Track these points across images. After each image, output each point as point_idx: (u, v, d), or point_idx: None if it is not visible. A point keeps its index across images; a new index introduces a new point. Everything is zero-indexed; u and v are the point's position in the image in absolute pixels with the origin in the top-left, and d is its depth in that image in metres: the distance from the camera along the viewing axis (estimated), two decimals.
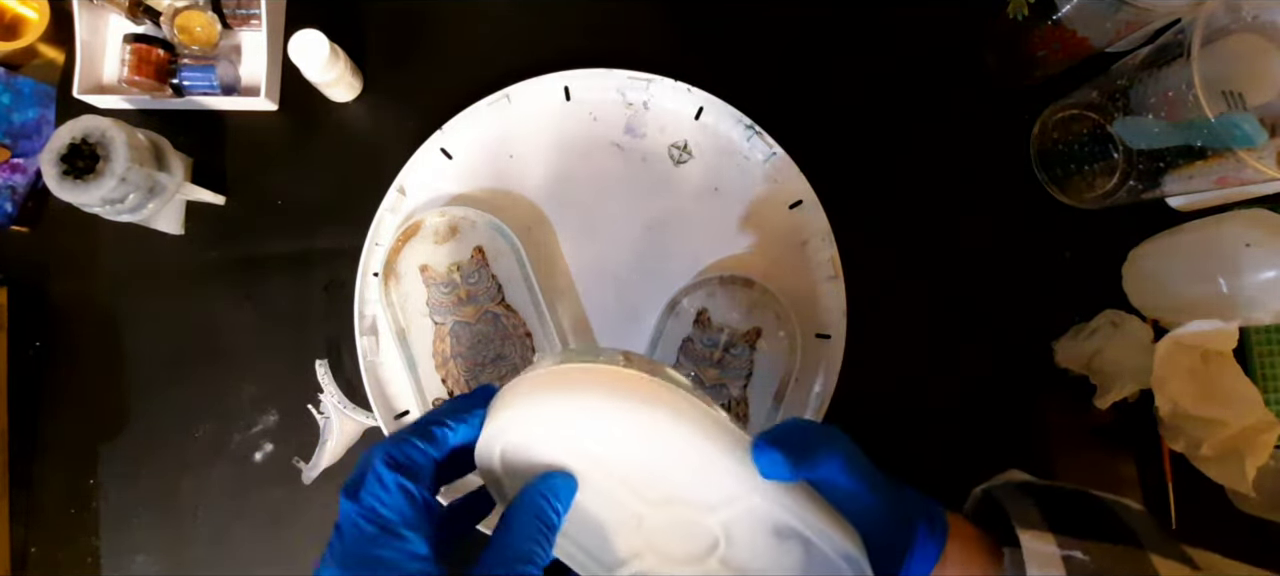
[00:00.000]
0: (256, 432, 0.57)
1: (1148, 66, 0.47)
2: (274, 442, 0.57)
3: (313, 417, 0.56)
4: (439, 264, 0.55)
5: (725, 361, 0.55)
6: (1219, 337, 0.51)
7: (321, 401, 0.56)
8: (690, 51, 0.59)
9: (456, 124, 0.56)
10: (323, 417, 0.56)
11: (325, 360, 0.55)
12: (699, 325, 0.55)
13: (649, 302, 0.56)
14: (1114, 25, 0.49)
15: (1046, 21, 0.51)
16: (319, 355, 0.56)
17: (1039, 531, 0.32)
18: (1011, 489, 0.35)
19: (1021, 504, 0.33)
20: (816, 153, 0.56)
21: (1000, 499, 0.34)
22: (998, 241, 0.58)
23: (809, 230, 0.56)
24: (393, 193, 0.56)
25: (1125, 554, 0.31)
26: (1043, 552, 0.31)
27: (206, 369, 0.57)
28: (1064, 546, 0.31)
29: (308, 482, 0.55)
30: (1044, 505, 0.33)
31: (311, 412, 0.56)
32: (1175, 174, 0.48)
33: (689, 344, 0.55)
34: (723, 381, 0.55)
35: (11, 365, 0.57)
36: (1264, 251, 0.49)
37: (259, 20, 0.57)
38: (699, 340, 0.55)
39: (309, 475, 0.55)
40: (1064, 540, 0.31)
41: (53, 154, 0.49)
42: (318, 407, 0.56)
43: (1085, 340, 0.55)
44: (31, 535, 0.56)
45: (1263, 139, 0.42)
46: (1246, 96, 0.45)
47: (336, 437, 0.55)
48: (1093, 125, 0.53)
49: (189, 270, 0.58)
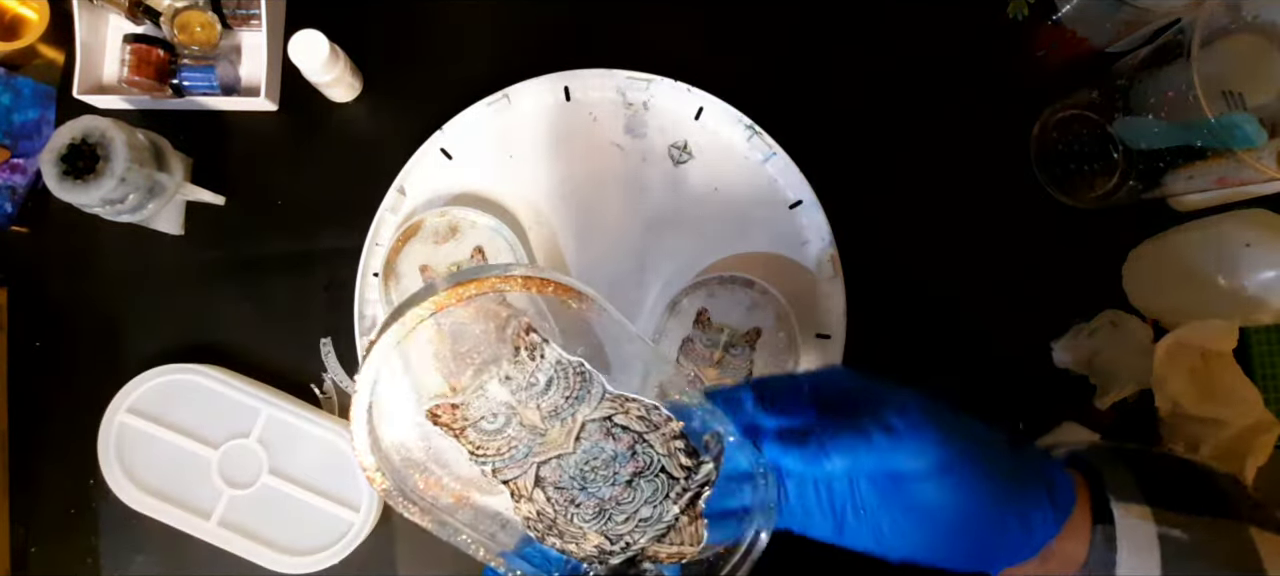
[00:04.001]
0: None
1: (1148, 66, 0.47)
2: None
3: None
4: (439, 264, 0.55)
5: (725, 361, 0.55)
6: (1219, 337, 0.51)
7: (325, 381, 0.56)
8: (690, 51, 0.59)
9: (456, 124, 0.56)
10: (325, 397, 0.56)
11: (329, 338, 0.56)
12: (699, 325, 0.55)
13: (649, 303, 0.56)
14: (1114, 25, 0.49)
15: (1046, 21, 0.51)
16: (319, 357, 0.56)
17: (1136, 504, 0.30)
18: (1104, 453, 0.33)
19: (1116, 471, 0.32)
20: (816, 153, 0.56)
21: (1095, 463, 0.32)
22: (998, 241, 0.58)
23: (809, 230, 0.56)
24: (393, 193, 0.56)
25: (1223, 528, 0.30)
26: (1138, 533, 0.29)
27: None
28: (1161, 522, 0.29)
29: None
30: (1139, 471, 0.32)
31: (314, 392, 0.56)
32: (1175, 174, 0.48)
33: (689, 344, 0.55)
34: (723, 381, 0.55)
35: (11, 365, 0.57)
36: (1264, 251, 0.49)
37: (259, 20, 0.57)
38: (699, 340, 0.55)
39: None
40: (1161, 514, 0.30)
41: (53, 154, 0.49)
42: (320, 388, 0.56)
43: (1085, 340, 0.55)
44: (31, 535, 0.56)
45: (1263, 139, 0.42)
46: (1246, 96, 0.45)
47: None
48: (1093, 125, 0.53)
49: (189, 270, 0.58)
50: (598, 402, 0.30)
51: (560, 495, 0.29)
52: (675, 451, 0.30)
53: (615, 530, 0.29)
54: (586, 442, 0.30)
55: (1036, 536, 0.30)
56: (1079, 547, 0.31)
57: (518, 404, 0.30)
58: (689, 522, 0.30)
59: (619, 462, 0.30)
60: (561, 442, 0.30)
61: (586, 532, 0.30)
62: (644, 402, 0.30)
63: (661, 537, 0.30)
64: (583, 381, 0.30)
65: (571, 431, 0.30)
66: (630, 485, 0.30)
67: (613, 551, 0.30)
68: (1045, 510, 0.30)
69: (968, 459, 0.30)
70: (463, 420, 0.29)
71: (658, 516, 0.30)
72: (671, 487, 0.30)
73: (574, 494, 0.29)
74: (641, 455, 0.30)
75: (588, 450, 0.30)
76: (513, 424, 0.29)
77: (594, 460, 0.30)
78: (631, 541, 0.29)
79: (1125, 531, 0.29)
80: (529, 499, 0.30)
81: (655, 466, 0.30)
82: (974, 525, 0.30)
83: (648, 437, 0.30)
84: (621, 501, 0.29)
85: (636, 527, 0.30)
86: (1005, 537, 0.30)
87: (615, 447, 0.30)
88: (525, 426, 0.29)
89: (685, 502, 0.30)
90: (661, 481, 0.30)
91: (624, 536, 0.30)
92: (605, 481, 0.29)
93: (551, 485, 0.30)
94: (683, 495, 0.30)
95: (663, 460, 0.30)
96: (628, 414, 0.30)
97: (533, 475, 0.30)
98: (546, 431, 0.30)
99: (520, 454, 0.30)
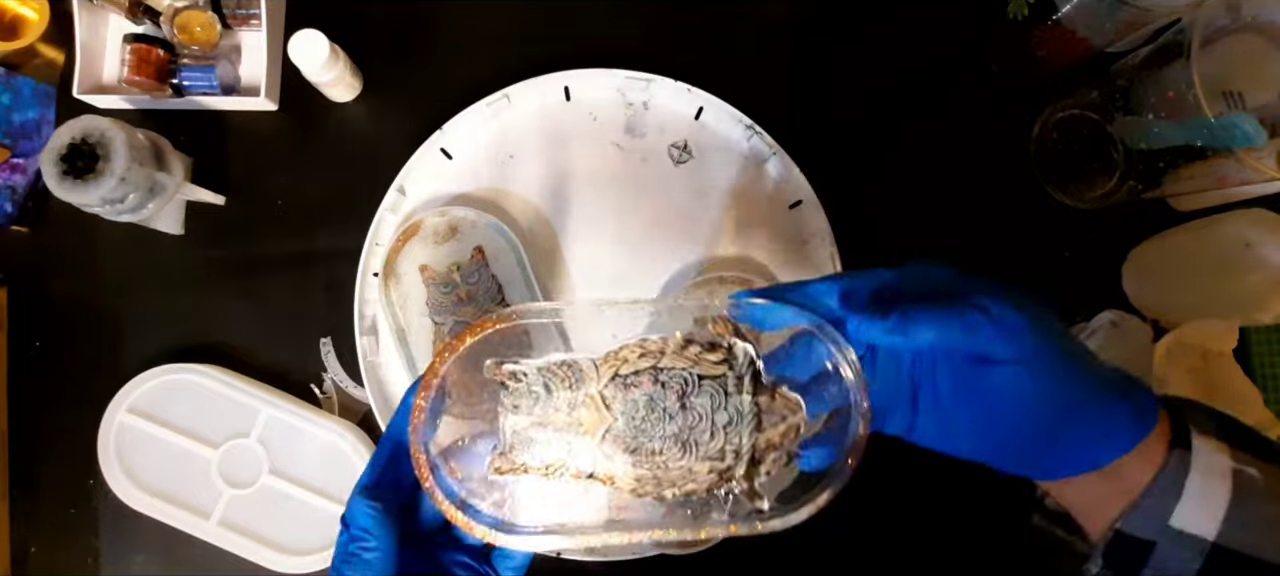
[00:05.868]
0: None
1: (1148, 66, 0.47)
2: None
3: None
4: (439, 264, 0.55)
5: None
6: (1219, 337, 0.51)
7: (325, 381, 0.56)
8: (690, 51, 0.59)
9: (456, 124, 0.56)
10: (325, 397, 0.56)
11: (329, 338, 0.56)
12: (699, 325, 0.55)
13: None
14: (1114, 25, 0.49)
15: (1046, 21, 0.51)
16: (318, 356, 0.56)
17: (1215, 440, 0.30)
18: (1184, 400, 0.33)
19: (1198, 412, 0.31)
20: (816, 153, 0.56)
21: (1176, 404, 0.32)
22: (998, 241, 0.58)
23: (809, 230, 0.56)
24: (393, 192, 0.56)
25: None
26: (1215, 462, 0.29)
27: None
28: (1238, 460, 0.29)
29: None
30: (1220, 420, 0.31)
31: (314, 392, 0.56)
32: (1175, 174, 0.48)
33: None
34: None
35: (11, 365, 0.57)
36: (1264, 251, 0.49)
37: (259, 20, 0.57)
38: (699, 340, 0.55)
39: None
40: (1239, 454, 0.29)
41: (53, 154, 0.49)
42: (320, 388, 0.56)
43: (1085, 340, 0.55)
44: (31, 535, 0.56)
45: (1263, 139, 0.42)
46: (1246, 96, 0.45)
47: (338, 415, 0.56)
48: (1093, 125, 0.53)
49: (189, 270, 0.58)
50: (596, 372, 0.31)
51: (637, 456, 0.30)
52: (696, 357, 0.31)
53: (712, 448, 0.30)
54: (617, 406, 0.30)
55: (1112, 443, 0.29)
56: (1148, 471, 0.30)
57: (538, 419, 0.31)
58: (771, 399, 0.30)
59: (657, 400, 0.30)
60: (599, 420, 0.30)
61: (691, 468, 0.30)
62: (631, 343, 0.31)
63: (759, 427, 0.30)
64: (571, 368, 0.31)
65: (597, 406, 0.30)
66: (685, 408, 0.30)
67: (730, 466, 0.30)
68: (1126, 420, 0.30)
69: (1057, 352, 0.30)
70: (511, 463, 0.30)
71: (736, 411, 0.30)
72: (724, 384, 0.30)
73: (646, 446, 0.30)
74: (670, 381, 0.30)
75: (623, 410, 0.30)
76: (549, 434, 0.30)
77: (634, 415, 0.30)
78: (737, 446, 0.30)
79: (1201, 457, 0.29)
80: (619, 478, 0.30)
81: (691, 379, 0.30)
82: (1051, 420, 0.30)
83: (660, 365, 0.30)
84: (691, 425, 0.30)
85: (727, 434, 0.30)
86: (1079, 438, 0.30)
87: (640, 392, 0.30)
88: (561, 430, 0.30)
89: (748, 384, 0.30)
90: (708, 385, 0.30)
91: (723, 447, 0.30)
92: (660, 421, 0.30)
93: (622, 453, 0.30)
94: (741, 380, 0.30)
95: (691, 371, 0.30)
96: (627, 362, 0.31)
97: (601, 457, 0.30)
98: (581, 421, 0.30)
99: (578, 450, 0.30)
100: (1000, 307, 0.30)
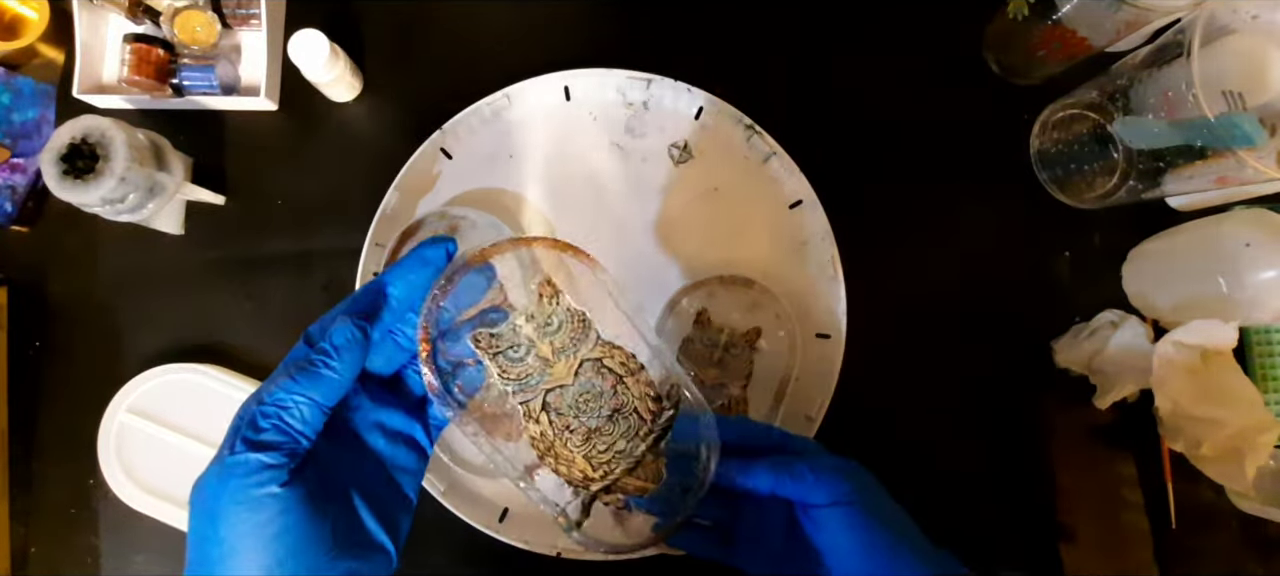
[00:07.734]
0: None
1: (1148, 66, 0.47)
2: None
3: None
4: None
5: (725, 361, 0.55)
6: (1219, 337, 0.51)
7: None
8: (690, 51, 0.59)
9: (456, 124, 0.56)
10: None
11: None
12: (699, 325, 0.55)
13: (649, 303, 0.56)
14: (1114, 25, 0.49)
15: (1046, 21, 0.51)
16: None
17: None
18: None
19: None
20: (816, 153, 0.56)
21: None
22: (998, 241, 0.58)
23: (809, 230, 0.56)
24: (392, 192, 0.56)
25: None
26: None
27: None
28: None
29: None
30: None
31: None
32: (1175, 174, 0.48)
33: (689, 344, 0.55)
34: (723, 381, 0.55)
35: (11, 365, 0.57)
36: (1264, 251, 0.49)
37: (259, 20, 0.57)
38: (699, 340, 0.55)
39: None
40: None
41: (53, 154, 0.49)
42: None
43: (1085, 340, 0.55)
44: (31, 535, 0.56)
45: (1263, 139, 0.42)
46: (1246, 96, 0.45)
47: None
48: (1093, 125, 0.53)
49: (189, 270, 0.58)
50: (593, 345, 0.36)
51: (559, 420, 0.35)
52: (645, 396, 0.37)
53: (598, 458, 0.36)
54: (582, 378, 0.36)
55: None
56: None
57: (537, 338, 0.35)
58: (652, 460, 0.36)
59: (604, 398, 0.36)
60: (564, 375, 0.36)
61: (575, 457, 0.35)
62: (625, 351, 0.36)
63: (631, 470, 0.36)
64: (583, 326, 0.36)
65: (572, 366, 0.36)
66: (611, 419, 0.36)
67: (594, 477, 0.35)
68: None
69: (873, 506, 0.36)
70: (496, 346, 0.35)
71: (630, 451, 0.36)
72: (641, 427, 0.36)
73: (569, 420, 0.36)
74: (620, 395, 0.36)
75: (582, 384, 0.36)
76: (531, 355, 0.35)
77: (586, 393, 0.36)
78: (609, 470, 0.35)
79: None
80: (536, 421, 0.35)
81: (629, 407, 0.36)
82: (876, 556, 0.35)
83: (625, 381, 0.36)
84: (604, 432, 0.36)
85: (614, 458, 0.36)
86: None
87: (602, 385, 0.36)
88: (539, 358, 0.35)
89: (651, 442, 0.36)
90: (634, 420, 0.36)
91: (604, 464, 0.36)
92: (592, 413, 0.36)
93: (553, 410, 0.35)
94: (649, 436, 0.36)
95: (636, 403, 0.36)
96: (613, 358, 0.36)
97: (541, 400, 0.35)
98: (554, 364, 0.35)
99: (533, 382, 0.35)
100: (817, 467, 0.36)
